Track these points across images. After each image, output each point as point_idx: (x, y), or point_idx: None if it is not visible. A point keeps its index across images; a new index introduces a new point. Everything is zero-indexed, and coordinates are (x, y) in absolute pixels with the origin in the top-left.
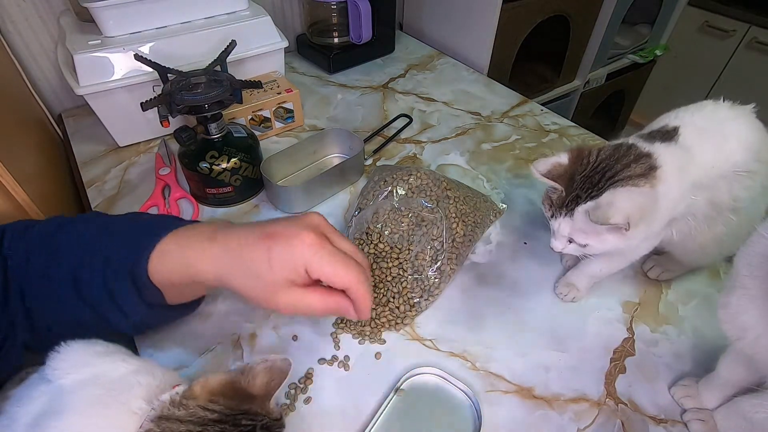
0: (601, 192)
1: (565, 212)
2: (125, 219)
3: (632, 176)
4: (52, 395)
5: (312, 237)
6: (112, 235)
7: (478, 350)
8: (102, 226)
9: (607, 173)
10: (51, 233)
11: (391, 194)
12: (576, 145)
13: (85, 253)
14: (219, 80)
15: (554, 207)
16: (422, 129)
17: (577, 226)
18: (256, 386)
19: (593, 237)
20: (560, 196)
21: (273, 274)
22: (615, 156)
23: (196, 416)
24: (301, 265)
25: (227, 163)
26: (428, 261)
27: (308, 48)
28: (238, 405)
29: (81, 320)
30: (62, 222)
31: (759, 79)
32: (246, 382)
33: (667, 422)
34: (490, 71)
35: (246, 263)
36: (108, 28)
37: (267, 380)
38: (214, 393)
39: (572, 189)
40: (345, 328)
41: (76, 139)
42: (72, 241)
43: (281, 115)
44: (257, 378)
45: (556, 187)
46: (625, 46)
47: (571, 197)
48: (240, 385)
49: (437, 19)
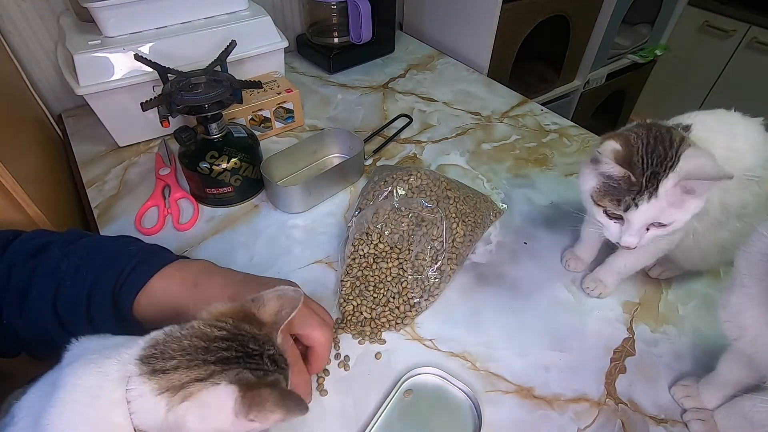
0: (677, 160)
1: (648, 194)
2: (112, 248)
3: (691, 144)
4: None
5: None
6: (97, 266)
7: (478, 350)
8: (87, 253)
9: (666, 147)
10: (34, 253)
11: (391, 194)
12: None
13: (66, 278)
14: (219, 80)
15: (627, 197)
16: (422, 129)
17: (667, 201)
18: (266, 313)
19: (679, 210)
20: (628, 181)
21: None
22: (661, 132)
23: (201, 333)
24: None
25: (227, 163)
26: (428, 261)
27: (308, 48)
28: (246, 328)
29: (57, 342)
30: (47, 242)
31: (759, 79)
32: (256, 308)
33: (667, 422)
34: (490, 71)
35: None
36: (108, 28)
37: (277, 308)
38: (223, 314)
39: (643, 169)
40: (345, 328)
41: (76, 139)
42: (54, 263)
43: (281, 115)
44: (267, 305)
45: (621, 175)
46: (625, 46)
47: (648, 176)
48: (250, 311)
49: (437, 19)
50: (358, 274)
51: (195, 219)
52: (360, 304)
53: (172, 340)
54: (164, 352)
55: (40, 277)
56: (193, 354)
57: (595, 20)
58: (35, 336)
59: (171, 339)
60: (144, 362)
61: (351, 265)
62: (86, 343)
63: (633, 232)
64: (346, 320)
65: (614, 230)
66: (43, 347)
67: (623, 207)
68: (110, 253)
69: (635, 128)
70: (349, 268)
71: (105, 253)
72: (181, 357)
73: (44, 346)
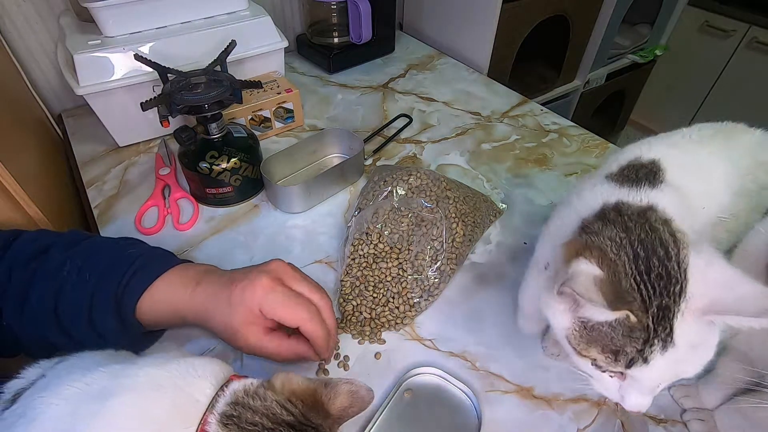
0: (685, 279)
1: (662, 342)
2: (114, 251)
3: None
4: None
5: (266, 281)
6: (100, 269)
7: (478, 350)
8: (89, 256)
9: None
10: (35, 254)
11: (391, 194)
12: (572, 248)
13: (68, 281)
14: (219, 80)
15: (629, 347)
16: (422, 129)
17: (688, 342)
18: (335, 406)
19: (703, 350)
20: (627, 324)
21: (232, 316)
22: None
23: (271, 411)
24: (256, 306)
25: (227, 163)
26: (428, 261)
27: (308, 48)
28: (312, 417)
29: (56, 345)
30: (49, 243)
31: (759, 79)
32: (327, 398)
33: (667, 422)
34: (490, 71)
35: (218, 306)
36: (108, 28)
37: (347, 405)
38: (295, 394)
39: (645, 302)
40: (345, 328)
41: (76, 139)
42: (56, 267)
43: (281, 115)
44: (338, 398)
45: (617, 319)
46: (625, 46)
47: (655, 314)
48: (320, 398)
49: (437, 19)
50: (358, 274)
51: (195, 219)
52: (360, 304)
53: (249, 408)
54: (240, 416)
55: (40, 280)
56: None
57: (595, 20)
58: (34, 338)
59: (248, 407)
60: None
61: (351, 265)
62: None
63: (644, 391)
64: (345, 320)
65: (611, 387)
66: (41, 350)
67: (624, 362)
68: (113, 256)
69: (601, 224)
70: (349, 268)
71: (107, 256)
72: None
73: (43, 349)
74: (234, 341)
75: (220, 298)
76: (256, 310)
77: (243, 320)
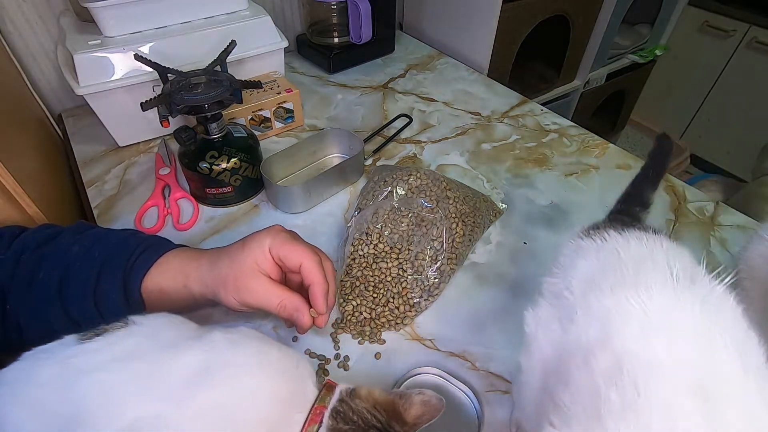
0: None
1: None
2: (122, 234)
3: None
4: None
5: (277, 227)
6: (109, 248)
7: (478, 350)
8: (98, 239)
9: None
10: (44, 241)
11: (391, 194)
12: None
13: (76, 260)
14: (219, 80)
15: None
16: (422, 129)
17: None
18: (410, 414)
19: None
20: None
21: (244, 255)
22: None
23: (362, 416)
24: (266, 244)
25: (227, 163)
26: (428, 261)
27: (308, 48)
28: (394, 425)
29: (55, 327)
30: (57, 231)
31: (759, 79)
32: (403, 408)
33: None
34: (490, 71)
35: (225, 254)
36: (108, 28)
37: (420, 413)
38: (378, 403)
39: None
40: (345, 328)
41: (76, 139)
42: (64, 248)
43: (281, 115)
44: (413, 408)
45: None
46: (625, 46)
47: None
48: (398, 408)
49: (437, 19)
50: (358, 274)
51: (195, 219)
52: (360, 304)
53: (350, 408)
54: (345, 414)
55: (49, 261)
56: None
57: (595, 20)
58: (36, 323)
59: (348, 407)
60: (333, 415)
61: (351, 265)
62: None
63: None
64: (345, 320)
65: None
66: (41, 336)
67: None
68: (121, 237)
69: None
70: (349, 268)
71: (116, 238)
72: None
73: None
74: (241, 284)
75: (229, 249)
76: (266, 249)
77: (255, 260)
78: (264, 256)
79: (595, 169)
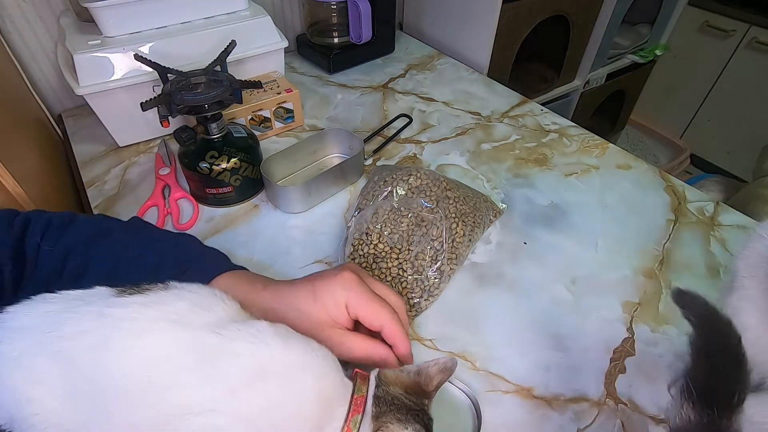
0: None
1: None
2: (178, 239)
3: None
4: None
5: (350, 274)
6: (162, 253)
7: (478, 350)
8: (152, 239)
9: None
10: (95, 237)
11: (391, 194)
12: None
13: (125, 262)
14: (219, 80)
15: None
16: (422, 129)
17: None
18: (433, 385)
19: None
20: None
21: (317, 310)
22: None
23: (396, 399)
24: (342, 300)
25: (227, 163)
26: (428, 261)
27: (308, 48)
28: (424, 402)
29: None
30: (112, 226)
31: (759, 79)
32: (425, 383)
33: (668, 422)
34: (490, 71)
35: (293, 304)
36: (108, 28)
37: (440, 380)
38: (407, 388)
39: None
40: None
41: (76, 139)
42: (116, 248)
43: (281, 115)
44: (434, 380)
45: None
46: (625, 46)
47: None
48: (420, 386)
49: (437, 19)
50: None
51: (195, 219)
52: None
53: (387, 393)
54: (384, 398)
55: (98, 260)
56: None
57: (595, 20)
58: None
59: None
60: (376, 402)
61: None
62: None
63: None
64: None
65: None
66: None
67: None
68: (177, 243)
69: None
70: None
71: (171, 242)
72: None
73: None
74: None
75: (298, 294)
76: (342, 304)
77: (329, 314)
78: (340, 313)
79: (595, 169)
